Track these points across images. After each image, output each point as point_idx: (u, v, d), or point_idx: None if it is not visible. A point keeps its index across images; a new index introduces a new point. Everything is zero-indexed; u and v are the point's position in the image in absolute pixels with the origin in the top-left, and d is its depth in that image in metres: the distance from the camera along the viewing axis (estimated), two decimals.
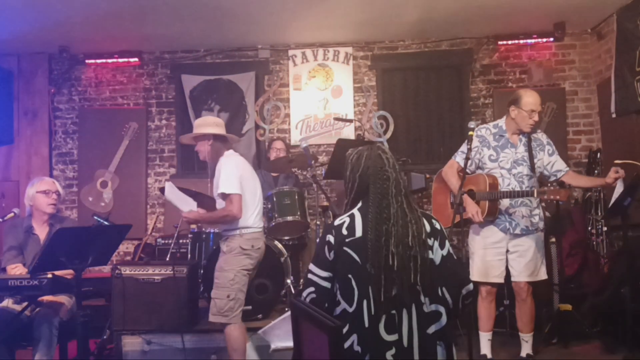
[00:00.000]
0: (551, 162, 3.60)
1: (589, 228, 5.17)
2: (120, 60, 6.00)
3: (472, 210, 3.43)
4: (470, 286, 2.12)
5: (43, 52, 6.00)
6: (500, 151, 3.61)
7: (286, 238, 4.61)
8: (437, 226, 2.12)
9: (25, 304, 3.39)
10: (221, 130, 3.52)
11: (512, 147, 3.61)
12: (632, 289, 3.67)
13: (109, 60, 6.01)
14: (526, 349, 3.67)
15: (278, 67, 6.12)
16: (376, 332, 1.92)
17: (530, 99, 3.54)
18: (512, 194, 3.48)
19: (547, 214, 4.28)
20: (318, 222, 4.65)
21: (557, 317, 4.13)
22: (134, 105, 6.17)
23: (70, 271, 3.24)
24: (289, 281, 4.26)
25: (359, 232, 2.01)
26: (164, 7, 4.89)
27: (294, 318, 2.14)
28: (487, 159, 3.63)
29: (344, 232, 2.03)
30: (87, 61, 6.01)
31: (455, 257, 2.13)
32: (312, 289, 2.05)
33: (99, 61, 6.02)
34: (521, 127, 3.57)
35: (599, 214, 5.13)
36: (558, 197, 3.26)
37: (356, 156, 2.15)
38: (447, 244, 2.11)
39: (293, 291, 4.24)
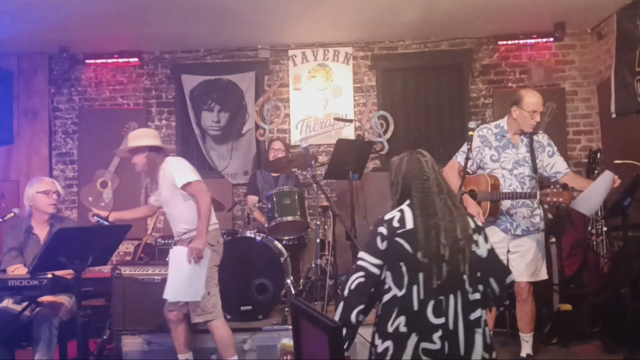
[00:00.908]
0: (550, 163, 3.59)
1: (589, 228, 5.18)
2: (120, 60, 6.00)
3: (474, 210, 3.42)
4: (512, 276, 2.32)
5: (43, 52, 6.00)
6: (502, 151, 3.61)
7: (286, 238, 4.61)
8: (479, 223, 2.32)
9: (25, 304, 3.39)
10: (156, 142, 3.50)
11: (513, 147, 3.60)
12: (632, 289, 3.67)
13: (109, 60, 6.01)
14: (526, 349, 3.67)
15: (278, 67, 6.12)
16: (424, 315, 2.09)
17: (532, 99, 3.53)
18: (514, 195, 3.46)
19: (550, 215, 4.25)
20: (318, 222, 4.65)
21: (557, 317, 4.13)
22: (134, 105, 6.17)
23: (71, 271, 3.24)
24: (288, 281, 4.26)
25: (409, 225, 2.18)
26: (164, 7, 4.89)
27: (294, 318, 2.15)
28: (489, 159, 3.63)
29: (396, 224, 2.19)
30: (87, 61, 6.01)
31: (496, 252, 2.33)
32: (361, 273, 2.17)
33: (99, 61, 6.02)
34: (522, 128, 3.57)
35: (599, 214, 5.13)
36: (561, 199, 3.23)
37: (398, 161, 2.37)
38: (489, 239, 2.32)
39: (293, 291, 4.24)
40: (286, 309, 4.06)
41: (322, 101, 6.03)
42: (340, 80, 6.04)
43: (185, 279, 3.30)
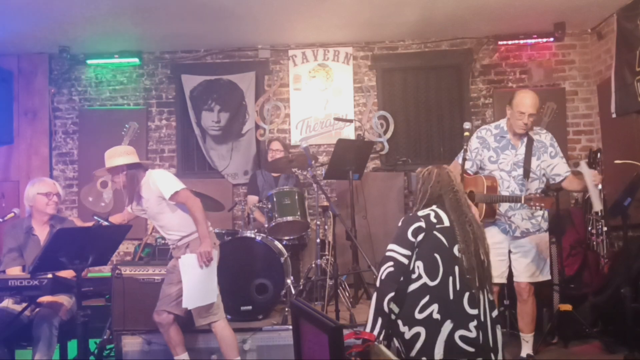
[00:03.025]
0: (551, 164, 3.56)
1: (589, 228, 5.17)
2: (120, 60, 6.01)
3: None
4: None
5: (43, 52, 6.00)
6: (501, 152, 3.60)
7: (286, 238, 4.60)
8: None
9: (25, 304, 3.39)
10: (133, 159, 3.46)
11: (512, 148, 3.58)
12: (632, 289, 3.67)
13: (109, 60, 6.01)
14: (526, 349, 3.67)
15: (278, 67, 6.12)
16: (460, 305, 2.28)
17: (521, 99, 3.48)
18: (503, 199, 3.46)
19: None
20: (318, 222, 4.64)
21: (557, 317, 4.13)
22: (134, 105, 6.17)
23: (71, 271, 3.24)
24: (289, 281, 4.25)
25: (446, 222, 2.40)
26: (164, 7, 4.89)
27: (294, 318, 2.15)
28: (487, 161, 3.62)
29: (433, 220, 2.39)
30: (87, 61, 6.01)
31: None
32: (390, 263, 2.34)
33: (99, 61, 6.03)
34: (514, 128, 3.55)
35: (599, 214, 5.12)
36: (543, 204, 3.26)
37: (427, 173, 2.57)
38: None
39: (293, 291, 4.23)
40: (286, 309, 4.05)
41: (322, 101, 6.03)
42: (341, 80, 6.03)
43: (200, 283, 3.34)
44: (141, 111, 6.14)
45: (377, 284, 2.35)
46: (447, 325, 2.24)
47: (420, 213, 2.44)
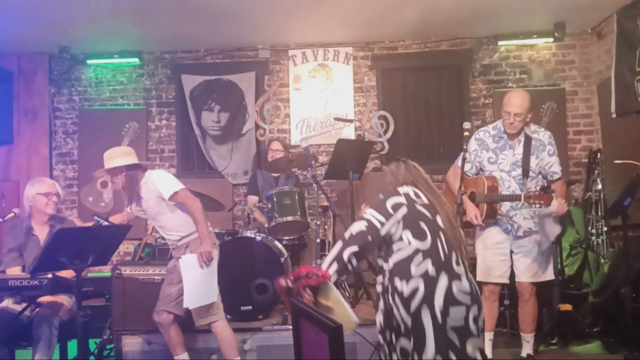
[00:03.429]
0: (550, 162, 3.57)
1: (589, 228, 5.17)
2: (120, 60, 6.01)
3: (471, 213, 3.43)
4: None
5: (43, 52, 6.00)
6: (500, 153, 3.59)
7: (286, 238, 4.60)
8: None
9: (25, 304, 3.39)
10: (132, 159, 3.45)
11: (510, 148, 3.58)
12: (632, 289, 3.67)
13: (109, 60, 6.01)
14: (527, 349, 3.66)
15: (278, 67, 6.12)
16: (450, 263, 2.37)
17: (508, 99, 3.51)
18: (502, 198, 3.46)
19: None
20: (318, 222, 4.64)
21: (557, 317, 4.13)
22: (134, 105, 6.17)
23: (71, 272, 3.24)
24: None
25: (425, 200, 2.49)
26: (164, 7, 4.89)
27: (294, 318, 2.15)
28: (487, 162, 3.62)
29: (413, 197, 2.48)
30: (87, 61, 6.01)
31: None
32: (364, 223, 2.41)
33: (99, 61, 6.03)
34: (505, 128, 3.56)
35: (599, 214, 5.13)
36: (542, 201, 3.26)
37: (394, 167, 2.66)
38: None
39: None
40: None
41: (322, 101, 6.03)
42: (341, 80, 6.03)
43: (201, 283, 3.34)
44: (141, 111, 6.14)
45: (346, 236, 2.41)
46: (443, 278, 2.31)
47: (400, 189, 2.51)
